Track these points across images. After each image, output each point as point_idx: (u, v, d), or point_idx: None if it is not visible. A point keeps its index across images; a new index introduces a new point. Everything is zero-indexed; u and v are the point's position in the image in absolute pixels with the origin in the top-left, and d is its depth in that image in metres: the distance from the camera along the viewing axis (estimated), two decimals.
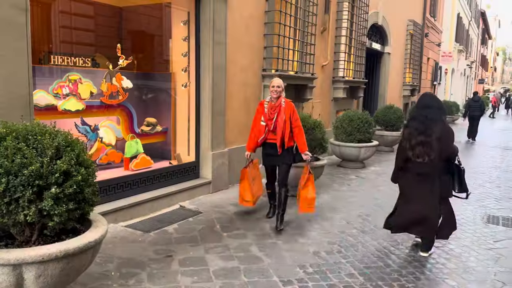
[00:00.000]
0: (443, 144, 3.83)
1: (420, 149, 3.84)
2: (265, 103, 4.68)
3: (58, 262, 2.46)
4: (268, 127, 4.61)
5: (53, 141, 2.61)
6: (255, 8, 6.72)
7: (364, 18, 10.61)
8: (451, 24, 26.02)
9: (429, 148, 3.81)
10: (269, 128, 4.60)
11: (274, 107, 4.58)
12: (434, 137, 3.80)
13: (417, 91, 17.42)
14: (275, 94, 4.59)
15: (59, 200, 2.52)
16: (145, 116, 5.86)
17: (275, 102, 4.60)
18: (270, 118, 4.58)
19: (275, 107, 4.58)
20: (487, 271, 3.84)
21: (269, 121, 4.59)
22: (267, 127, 4.61)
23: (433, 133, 3.81)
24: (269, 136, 4.65)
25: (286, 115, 4.56)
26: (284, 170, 4.67)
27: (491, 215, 5.56)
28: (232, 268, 3.66)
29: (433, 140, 3.80)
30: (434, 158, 3.82)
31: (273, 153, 4.65)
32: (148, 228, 4.55)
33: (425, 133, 3.84)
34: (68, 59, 4.77)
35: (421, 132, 3.86)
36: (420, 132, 3.86)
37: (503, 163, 9.50)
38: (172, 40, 6.08)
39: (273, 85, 4.60)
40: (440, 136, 3.81)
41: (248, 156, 4.88)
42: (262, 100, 4.83)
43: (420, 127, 3.88)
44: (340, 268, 3.75)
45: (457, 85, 32.39)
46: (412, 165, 3.95)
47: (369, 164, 8.77)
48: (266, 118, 4.61)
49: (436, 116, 3.89)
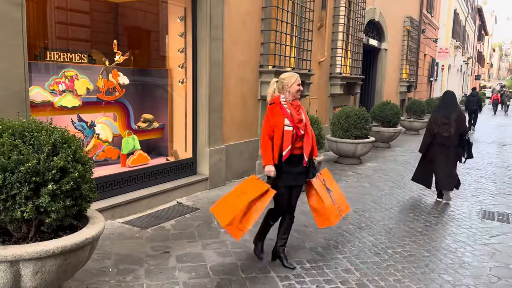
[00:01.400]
0: (459, 124, 5.70)
1: (444, 127, 5.72)
2: (283, 102, 3.52)
3: (55, 258, 2.46)
4: (297, 132, 3.48)
5: (49, 137, 2.61)
6: (252, 4, 6.71)
7: (361, 14, 10.61)
8: (448, 20, 26.05)
9: (450, 126, 5.69)
10: (299, 133, 3.48)
11: (297, 106, 3.57)
12: (452, 120, 5.69)
13: (413, 88, 17.46)
14: (299, 94, 3.59)
15: (56, 197, 2.52)
16: (142, 113, 5.85)
17: (293, 102, 3.57)
18: (300, 120, 3.50)
19: (298, 106, 3.58)
20: (483, 266, 3.87)
21: (300, 123, 3.49)
22: (296, 132, 3.47)
23: (451, 117, 5.70)
24: (296, 144, 3.51)
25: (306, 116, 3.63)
26: (299, 193, 3.68)
27: (486, 210, 5.60)
28: (230, 263, 3.67)
29: (452, 121, 5.69)
30: (452, 133, 5.68)
31: (300, 169, 3.53)
32: (145, 224, 4.55)
33: (447, 117, 5.72)
34: (64, 55, 4.75)
35: (444, 115, 5.74)
36: (443, 115, 5.75)
37: (499, 159, 9.54)
38: (168, 36, 6.06)
39: (299, 82, 3.58)
40: (456, 119, 5.70)
41: (274, 173, 3.47)
42: (275, 98, 3.57)
43: (444, 113, 5.78)
44: (337, 264, 3.77)
45: (453, 81, 32.46)
46: (437, 139, 5.79)
47: (365, 160, 8.80)
48: (294, 121, 3.46)
49: (454, 106, 5.88)
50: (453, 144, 5.72)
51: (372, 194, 6.20)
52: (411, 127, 14.29)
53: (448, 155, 5.76)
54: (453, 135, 5.67)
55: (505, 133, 16.03)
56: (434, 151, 5.85)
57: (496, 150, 10.18)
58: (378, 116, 10.92)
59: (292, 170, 3.51)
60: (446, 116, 5.72)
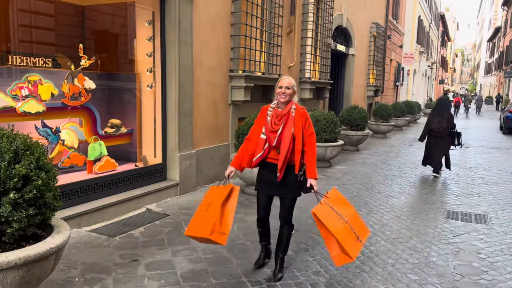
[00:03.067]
0: (448, 122, 7.88)
1: (437, 124, 7.91)
2: (270, 109, 3.46)
3: (17, 269, 2.37)
4: (269, 142, 3.38)
5: (11, 144, 2.52)
6: (221, 9, 6.72)
7: (329, 20, 10.81)
8: (413, 27, 26.89)
9: (442, 123, 7.86)
10: (271, 143, 3.36)
11: (280, 115, 3.38)
12: (444, 119, 7.88)
13: (380, 92, 17.91)
14: (284, 97, 3.38)
15: (18, 206, 2.43)
16: (109, 118, 5.74)
17: (283, 109, 3.41)
18: (274, 130, 3.36)
19: (281, 115, 3.38)
20: (447, 264, 4.00)
21: (272, 133, 3.36)
22: (268, 142, 3.38)
23: (443, 117, 7.90)
24: (270, 155, 3.42)
25: (296, 128, 3.35)
26: (287, 206, 3.52)
27: (451, 210, 5.79)
28: (200, 270, 3.64)
29: (444, 120, 7.86)
30: (444, 128, 7.88)
31: (273, 179, 3.40)
32: (113, 232, 4.45)
33: (440, 117, 7.92)
34: (28, 59, 4.60)
35: (439, 115, 7.96)
36: (438, 115, 7.97)
37: (462, 161, 9.91)
38: (136, 40, 5.98)
39: (282, 85, 3.39)
40: (447, 118, 7.91)
41: (229, 173, 3.49)
42: (266, 106, 3.54)
43: (438, 113, 8.00)
44: (307, 267, 3.80)
45: (418, 86, 33.50)
46: (433, 132, 7.99)
47: (335, 163, 8.94)
48: (267, 130, 3.38)
49: (445, 108, 8.12)
50: (444, 135, 7.91)
51: None
52: (379, 130, 14.63)
53: (441, 143, 7.96)
54: (444, 129, 7.89)
55: (467, 135, 16.64)
56: (431, 141, 8.07)
57: (459, 152, 10.56)
58: (347, 120, 11.12)
59: (265, 178, 3.49)
60: (440, 115, 7.93)
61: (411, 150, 11.71)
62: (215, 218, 3.23)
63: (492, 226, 5.17)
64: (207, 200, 3.36)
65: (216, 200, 3.31)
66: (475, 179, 7.95)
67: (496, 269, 3.92)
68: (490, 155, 11.26)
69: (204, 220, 3.27)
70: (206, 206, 3.33)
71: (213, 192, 3.38)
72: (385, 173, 8.26)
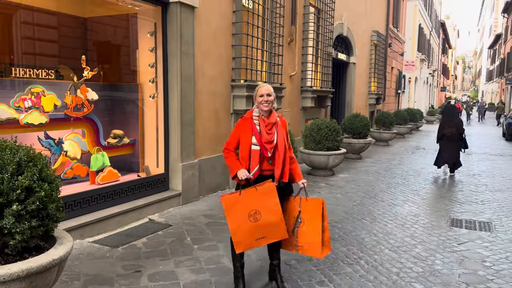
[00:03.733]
0: (458, 127, 8.87)
1: (449, 129, 8.88)
2: (255, 118, 3.26)
3: (20, 281, 2.37)
4: (264, 153, 3.19)
5: (14, 156, 2.53)
6: (223, 19, 6.77)
7: (329, 30, 10.87)
8: (413, 35, 26.99)
9: (453, 128, 8.85)
10: (266, 154, 3.19)
11: (270, 124, 3.23)
12: (454, 124, 8.91)
13: (382, 100, 17.92)
14: (267, 105, 3.24)
15: (21, 218, 2.43)
16: (112, 128, 5.76)
17: (269, 117, 3.27)
18: (270, 141, 3.19)
19: (270, 124, 3.24)
20: (452, 273, 3.96)
21: (268, 144, 3.18)
22: (263, 153, 3.19)
23: (454, 122, 8.97)
24: (264, 167, 3.23)
25: (284, 136, 3.29)
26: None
27: (454, 218, 5.76)
28: (203, 281, 3.62)
29: (454, 125, 8.88)
30: (455, 133, 8.84)
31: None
32: (116, 243, 4.44)
33: (451, 122, 8.99)
34: (31, 71, 4.64)
35: (450, 121, 9.03)
36: (449, 121, 9.04)
37: (465, 168, 9.87)
38: (139, 51, 6.02)
39: (262, 93, 3.24)
40: (457, 123, 8.95)
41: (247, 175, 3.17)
42: (248, 112, 3.34)
43: (449, 119, 9.09)
44: (310, 276, 3.78)
45: (420, 93, 33.53)
46: (445, 136, 8.94)
47: (338, 171, 8.92)
48: (261, 140, 3.18)
49: (453, 115, 9.25)
50: (456, 139, 8.86)
51: (344, 205, 6.28)
52: (381, 138, 14.62)
53: (452, 146, 8.89)
54: (455, 133, 8.84)
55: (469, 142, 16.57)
56: (444, 144, 9.02)
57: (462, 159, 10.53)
58: (349, 128, 11.12)
59: None
60: (451, 121, 9.01)
61: (413, 158, 11.69)
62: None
63: (497, 234, 5.13)
64: (240, 210, 3.18)
65: (255, 205, 3.15)
66: (478, 186, 7.92)
67: (502, 277, 3.89)
68: (494, 162, 11.23)
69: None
70: (244, 217, 3.19)
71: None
72: (388, 181, 8.23)
